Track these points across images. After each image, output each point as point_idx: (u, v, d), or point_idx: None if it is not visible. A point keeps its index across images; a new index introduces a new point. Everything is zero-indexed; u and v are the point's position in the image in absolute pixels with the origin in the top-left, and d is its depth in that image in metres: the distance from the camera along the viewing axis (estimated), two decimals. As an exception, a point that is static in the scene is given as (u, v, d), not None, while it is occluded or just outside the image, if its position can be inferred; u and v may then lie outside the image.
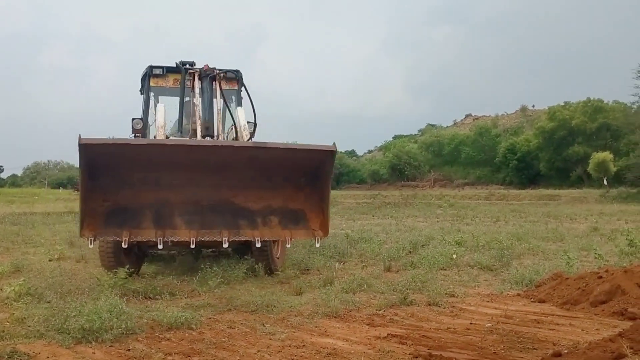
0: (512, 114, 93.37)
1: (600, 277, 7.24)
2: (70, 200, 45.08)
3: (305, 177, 8.03)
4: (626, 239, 11.69)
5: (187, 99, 10.02)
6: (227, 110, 9.71)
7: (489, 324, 6.22)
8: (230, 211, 7.87)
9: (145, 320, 6.22)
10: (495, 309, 7.05)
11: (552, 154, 63.57)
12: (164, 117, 8.99)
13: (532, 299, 7.56)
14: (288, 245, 8.21)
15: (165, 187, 7.71)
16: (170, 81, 10.37)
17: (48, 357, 5.10)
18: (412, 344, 5.44)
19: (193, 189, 7.79)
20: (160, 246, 7.42)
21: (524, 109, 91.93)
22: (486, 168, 73.02)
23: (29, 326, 5.96)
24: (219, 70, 9.47)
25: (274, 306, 7.03)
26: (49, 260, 11.08)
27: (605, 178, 51.25)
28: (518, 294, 7.94)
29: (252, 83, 9.70)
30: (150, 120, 10.46)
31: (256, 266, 9.32)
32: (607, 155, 51.69)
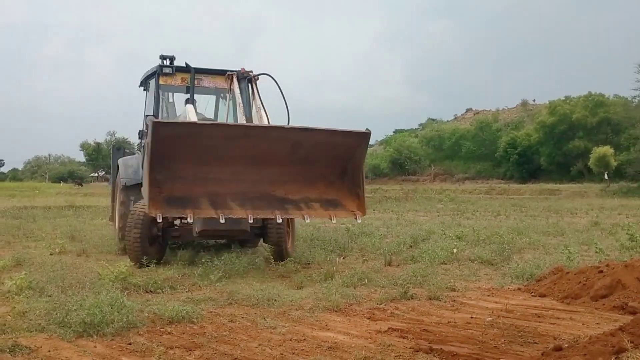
0: (513, 108, 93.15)
1: (601, 272, 7.24)
2: (70, 194, 45.13)
3: (339, 164, 8.49)
4: (627, 233, 11.67)
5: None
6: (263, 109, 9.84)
7: (490, 318, 6.22)
8: (275, 199, 8.29)
9: (146, 314, 6.22)
10: (496, 303, 7.06)
11: (553, 149, 63.57)
12: (195, 115, 9.46)
13: (532, 293, 7.56)
14: (333, 221, 8.71)
15: (215, 181, 8.09)
16: (178, 80, 11.09)
17: (49, 351, 5.10)
18: (413, 338, 5.45)
19: (239, 184, 8.20)
20: (222, 220, 7.69)
21: (524, 104, 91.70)
22: (487, 162, 73.03)
23: (30, 320, 5.97)
24: (255, 74, 9.93)
25: (275, 300, 7.04)
26: (50, 254, 11.10)
27: (606, 172, 51.30)
28: (519, 288, 7.94)
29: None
30: (161, 116, 11.15)
31: (257, 260, 9.40)
32: (607, 149, 51.69)
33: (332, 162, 8.41)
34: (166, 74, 10.97)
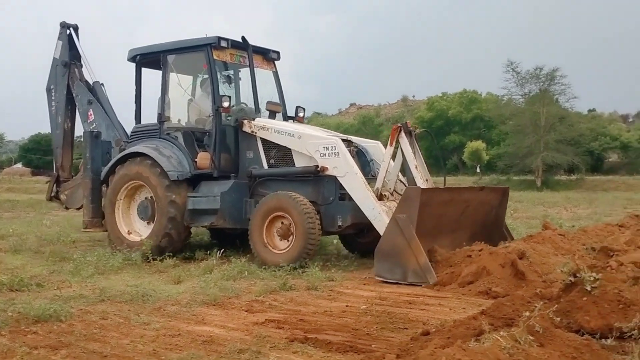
0: (394, 103, 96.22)
1: (469, 257, 7.63)
2: None
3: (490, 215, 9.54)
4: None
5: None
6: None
7: (364, 306, 6.40)
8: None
9: (9, 314, 5.86)
10: (371, 291, 7.28)
11: (431, 143, 66.18)
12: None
13: (406, 281, 7.84)
14: None
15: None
16: (228, 55, 10.30)
17: None
18: (289, 328, 5.50)
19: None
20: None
21: (405, 99, 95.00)
22: (369, 156, 74.92)
23: None
24: (421, 129, 10.11)
25: (150, 296, 6.86)
26: None
27: (479, 166, 54.27)
28: (393, 277, 8.20)
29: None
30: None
31: (133, 255, 9.19)
32: (480, 144, 54.71)
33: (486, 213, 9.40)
34: (222, 48, 9.99)
